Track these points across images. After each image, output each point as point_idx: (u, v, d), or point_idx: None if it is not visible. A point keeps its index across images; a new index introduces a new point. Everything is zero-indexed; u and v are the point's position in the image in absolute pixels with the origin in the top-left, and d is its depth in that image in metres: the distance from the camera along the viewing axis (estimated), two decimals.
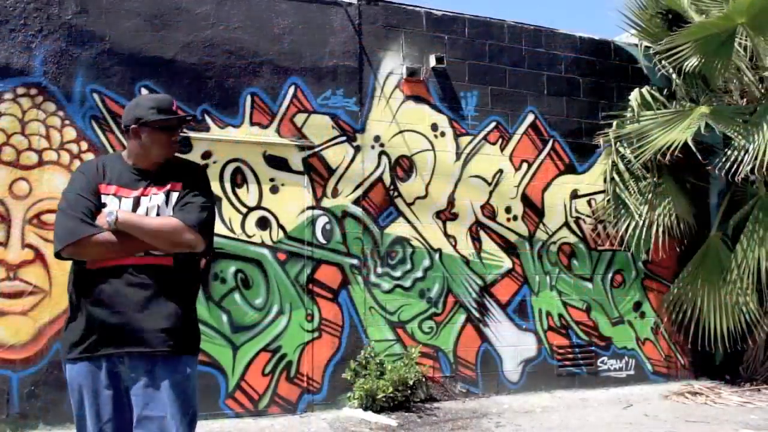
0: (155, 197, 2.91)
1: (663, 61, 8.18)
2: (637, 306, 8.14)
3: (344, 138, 6.93)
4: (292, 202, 6.66)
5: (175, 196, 2.93)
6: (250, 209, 6.52)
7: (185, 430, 2.79)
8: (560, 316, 7.71)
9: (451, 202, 7.31)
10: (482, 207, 7.45)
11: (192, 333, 2.94)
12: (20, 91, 5.86)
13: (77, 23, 6.08)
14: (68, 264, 2.92)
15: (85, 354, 2.80)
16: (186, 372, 2.85)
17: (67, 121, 5.98)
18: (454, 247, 7.28)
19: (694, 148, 7.40)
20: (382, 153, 7.07)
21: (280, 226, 6.61)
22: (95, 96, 6.07)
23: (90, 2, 6.13)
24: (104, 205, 2.87)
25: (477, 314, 7.30)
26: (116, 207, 2.85)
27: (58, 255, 2.86)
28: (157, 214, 2.88)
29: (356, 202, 6.91)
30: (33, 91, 5.90)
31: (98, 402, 2.79)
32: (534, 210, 7.71)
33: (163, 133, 2.95)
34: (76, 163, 5.93)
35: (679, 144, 7.44)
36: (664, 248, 7.92)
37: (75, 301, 2.87)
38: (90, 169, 2.97)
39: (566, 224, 7.87)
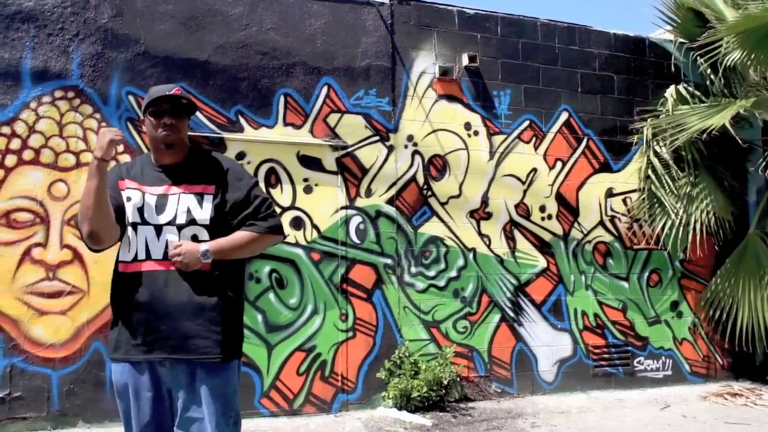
0: (185, 198, 2.88)
1: (699, 58, 8.00)
2: (674, 305, 8.02)
3: (377, 138, 6.92)
4: (325, 202, 6.68)
5: (208, 199, 2.89)
6: (285, 209, 6.54)
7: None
8: (596, 315, 7.63)
9: (484, 201, 7.27)
10: (516, 206, 7.41)
11: (233, 337, 2.90)
12: (58, 94, 5.96)
13: (113, 27, 6.15)
14: (107, 264, 2.94)
15: (127, 356, 2.83)
16: (226, 376, 2.85)
17: (103, 123, 6.05)
18: (489, 246, 7.24)
19: (732, 132, 7.23)
20: (415, 152, 7.06)
21: (314, 226, 6.62)
22: (131, 98, 6.14)
23: (125, 6, 6.21)
24: (128, 199, 2.90)
25: (512, 314, 7.26)
26: (207, 245, 2.82)
27: (89, 247, 2.91)
28: (190, 218, 2.85)
29: (390, 201, 6.91)
30: (70, 94, 5.99)
31: (139, 403, 2.83)
32: (569, 209, 7.64)
33: (153, 117, 2.93)
34: (113, 164, 5.97)
35: (715, 127, 7.27)
36: (702, 247, 7.81)
37: (115, 304, 2.90)
38: (117, 167, 3.07)
39: (601, 223, 7.79)
